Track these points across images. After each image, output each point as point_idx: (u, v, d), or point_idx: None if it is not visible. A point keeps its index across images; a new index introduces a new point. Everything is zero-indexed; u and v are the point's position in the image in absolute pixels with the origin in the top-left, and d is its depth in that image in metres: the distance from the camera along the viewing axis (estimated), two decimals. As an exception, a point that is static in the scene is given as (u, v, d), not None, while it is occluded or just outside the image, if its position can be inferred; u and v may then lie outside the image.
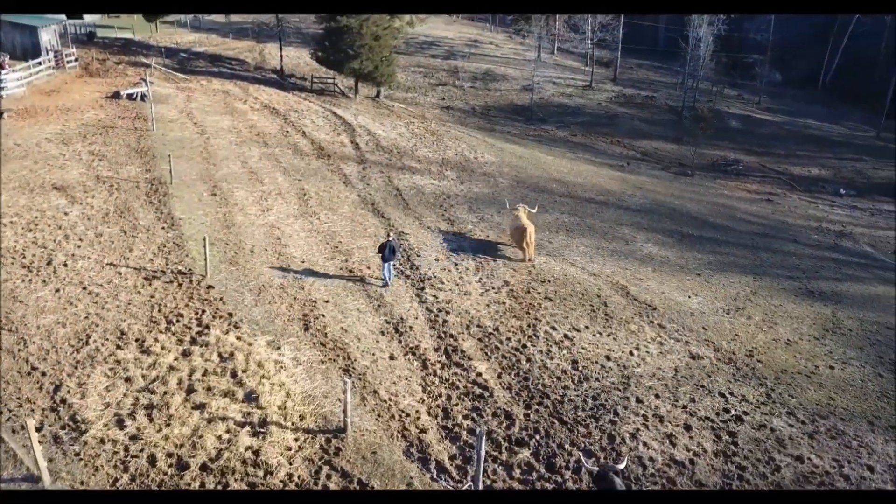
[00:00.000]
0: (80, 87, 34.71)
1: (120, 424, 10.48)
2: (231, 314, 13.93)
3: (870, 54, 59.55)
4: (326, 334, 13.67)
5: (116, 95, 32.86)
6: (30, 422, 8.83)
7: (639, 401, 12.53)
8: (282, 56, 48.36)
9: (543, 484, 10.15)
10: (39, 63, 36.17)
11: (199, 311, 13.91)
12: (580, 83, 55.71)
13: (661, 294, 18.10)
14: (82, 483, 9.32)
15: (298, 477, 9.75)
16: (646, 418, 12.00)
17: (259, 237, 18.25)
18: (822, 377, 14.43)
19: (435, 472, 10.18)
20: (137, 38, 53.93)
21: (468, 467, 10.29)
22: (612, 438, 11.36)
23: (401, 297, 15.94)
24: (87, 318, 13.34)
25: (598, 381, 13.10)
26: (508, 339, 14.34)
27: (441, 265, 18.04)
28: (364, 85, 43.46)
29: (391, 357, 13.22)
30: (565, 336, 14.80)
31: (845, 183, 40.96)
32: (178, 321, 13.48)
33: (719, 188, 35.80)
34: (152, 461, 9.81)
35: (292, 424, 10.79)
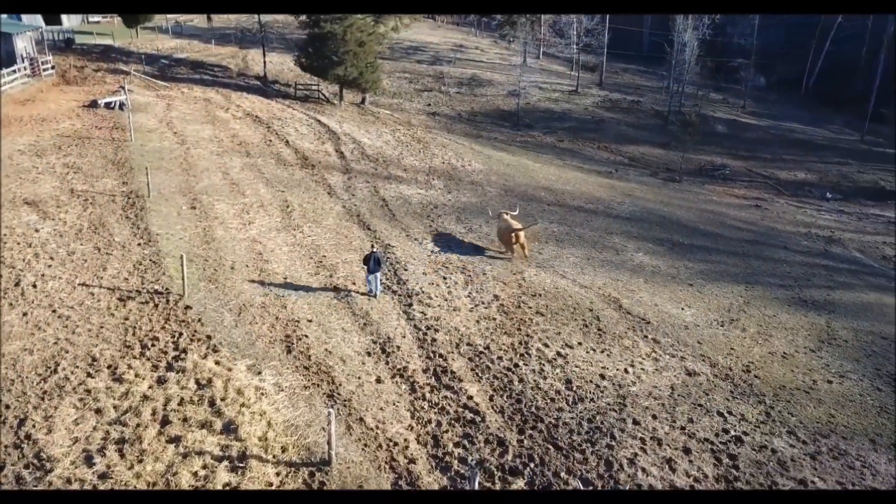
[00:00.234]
0: (57, 96, 33.80)
1: (88, 462, 9.81)
2: (210, 336, 13.30)
3: (851, 59, 60.12)
4: (310, 357, 13.09)
5: (94, 104, 32.02)
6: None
7: (636, 422, 12.08)
8: (265, 62, 47.66)
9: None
10: (14, 71, 35.19)
11: (176, 334, 13.27)
12: (566, 88, 55.58)
13: (654, 306, 17.72)
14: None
15: (280, 516, 9.17)
16: (643, 441, 11.56)
17: (240, 252, 17.61)
18: (821, 392, 14.10)
19: (425, 507, 9.65)
20: (117, 45, 52.93)
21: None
22: (610, 465, 10.89)
23: (388, 314, 15.40)
24: (55, 343, 12.64)
25: (593, 402, 12.64)
26: (500, 358, 13.85)
27: (429, 279, 17.52)
28: (349, 91, 42.91)
29: (378, 380, 12.67)
30: (558, 353, 14.34)
31: (831, 187, 41.09)
32: (153, 345, 12.82)
33: (708, 194, 35.68)
34: (123, 502, 9.17)
35: (273, 457, 10.19)
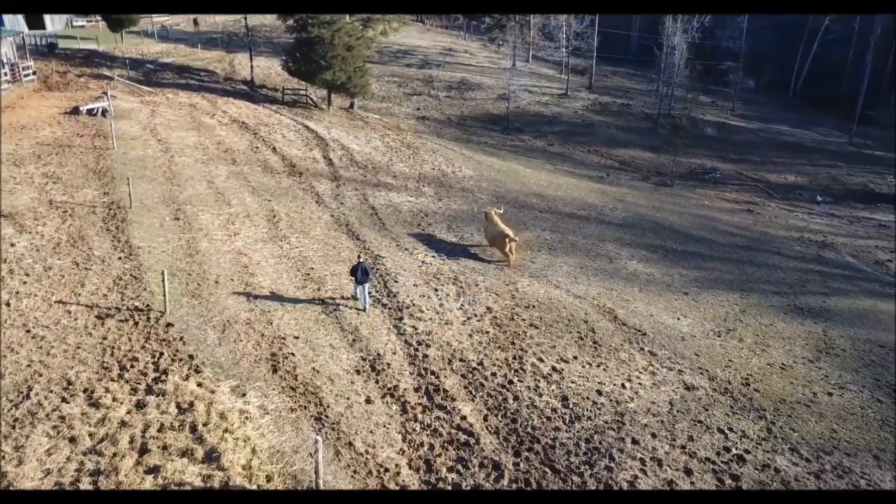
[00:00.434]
0: (38, 103, 33.03)
1: (61, 495, 9.27)
2: (192, 356, 12.77)
3: (839, 61, 60.47)
4: (297, 376, 12.60)
5: (76, 111, 31.29)
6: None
7: (635, 442, 11.70)
8: (252, 67, 47.06)
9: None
10: (-7, 77, 34.38)
11: (157, 354, 12.73)
12: (556, 91, 55.37)
13: (650, 317, 17.39)
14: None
15: (264, 551, 8.69)
16: (643, 462, 11.18)
17: (225, 266, 17.08)
18: (822, 406, 13.80)
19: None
20: (101, 49, 52.10)
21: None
22: (610, 488, 10.49)
23: (377, 328, 14.94)
24: (29, 366, 12.06)
25: (590, 421, 12.25)
26: (494, 375, 13.43)
27: (420, 291, 17.08)
28: (337, 96, 42.40)
29: (367, 400, 12.20)
30: (553, 368, 13.94)
31: (821, 190, 41.10)
32: (132, 366, 12.28)
33: (699, 198, 35.50)
34: (97, 539, 8.66)
35: (258, 487, 9.70)
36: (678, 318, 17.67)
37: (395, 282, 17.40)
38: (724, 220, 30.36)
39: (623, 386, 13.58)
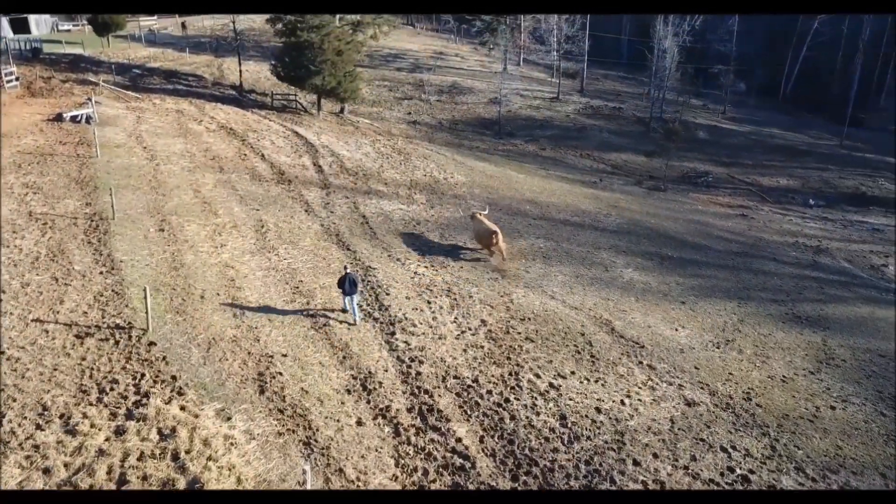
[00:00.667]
0: (20, 109, 32.28)
1: (33, 533, 8.76)
2: (175, 377, 12.24)
3: (828, 63, 60.67)
4: (285, 398, 12.11)
5: (59, 118, 30.60)
6: None
7: (636, 463, 11.31)
8: (241, 71, 46.49)
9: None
10: (-26, 84, 33.65)
11: (138, 375, 12.19)
12: (547, 95, 55.14)
13: (648, 328, 17.03)
14: None
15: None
16: (646, 485, 10.79)
17: (211, 279, 16.54)
18: (825, 420, 13.48)
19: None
20: (87, 54, 51.32)
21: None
22: (611, 514, 10.10)
23: (368, 344, 14.47)
24: (2, 390, 11.50)
25: (589, 441, 11.84)
26: (489, 393, 12.99)
27: (413, 304, 16.63)
28: (327, 101, 41.89)
29: (359, 422, 11.73)
30: (550, 385, 13.53)
31: (814, 193, 41.04)
32: (112, 389, 11.74)
33: (693, 203, 35.29)
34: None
35: (243, 520, 9.22)
36: (676, 329, 17.33)
37: (387, 294, 16.94)
38: (718, 226, 30.13)
39: (622, 402, 13.19)
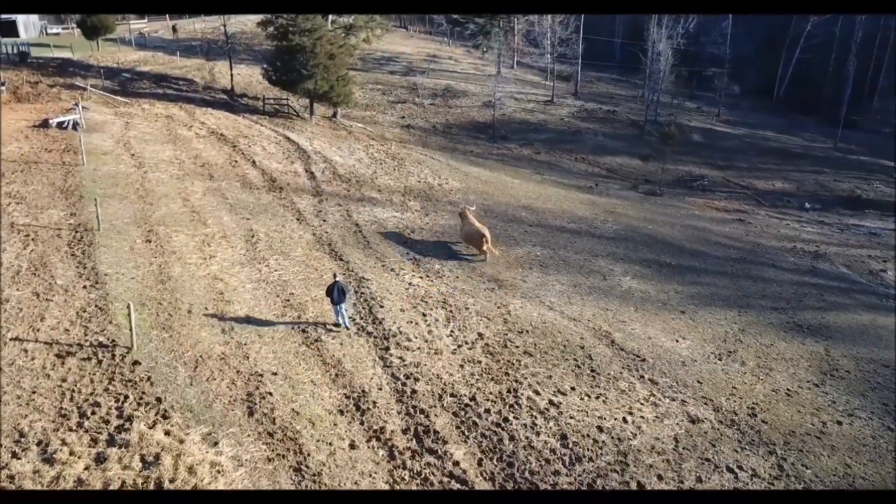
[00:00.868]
0: (5, 115, 31.61)
1: (5, 573, 8.26)
2: (160, 399, 11.75)
3: (821, 65, 60.70)
4: (275, 420, 11.63)
5: (45, 124, 30.00)
6: None
7: (640, 486, 10.90)
8: (232, 75, 45.96)
9: None
10: (-42, 89, 32.99)
11: (121, 398, 11.68)
12: (541, 98, 54.85)
13: (648, 340, 16.65)
14: None
15: None
16: (651, 510, 10.38)
17: (199, 293, 16.04)
18: (833, 437, 13.12)
19: None
20: (76, 58, 50.59)
21: None
22: (616, 542, 9.69)
23: (362, 360, 14.01)
24: (-23, 416, 10.99)
25: (591, 462, 11.43)
26: (487, 412, 12.56)
27: (407, 317, 16.18)
28: (320, 105, 41.41)
29: (352, 445, 11.27)
30: (550, 402, 13.12)
31: (809, 196, 40.89)
32: (93, 413, 11.23)
33: (689, 207, 35.00)
34: None
35: (230, 555, 8.75)
36: (677, 340, 16.95)
37: (381, 307, 16.48)
38: (715, 231, 29.83)
39: (624, 420, 12.78)
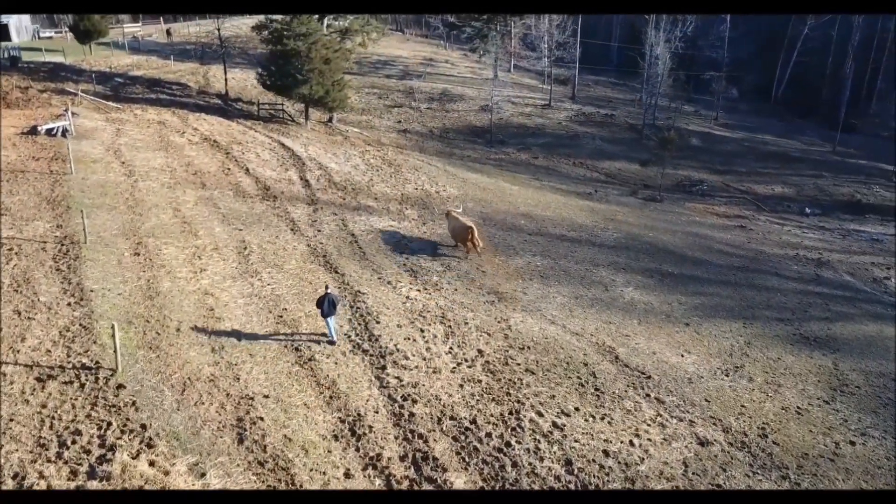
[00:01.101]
0: (-7, 122, 31.01)
1: None
2: (145, 426, 11.18)
3: (818, 69, 60.50)
4: (266, 447, 11.08)
5: (34, 131, 29.32)
6: None
7: (650, 516, 10.41)
8: (226, 80, 45.42)
9: None
10: (-55, 95, 32.32)
11: (104, 425, 11.11)
12: (539, 102, 54.46)
13: (653, 355, 16.16)
14: None
15: None
16: (661, 543, 9.88)
17: (188, 309, 15.47)
18: (846, 458, 12.65)
19: None
20: (68, 63, 49.89)
21: None
22: (626, 580, 9.17)
23: (357, 381, 13.47)
24: (-49, 446, 10.41)
25: (598, 490, 10.91)
26: (489, 436, 12.04)
27: (405, 333, 15.65)
28: (315, 110, 40.86)
29: (346, 475, 10.73)
30: (554, 424, 12.60)
31: (809, 201, 40.58)
32: (73, 442, 10.65)
33: (689, 213, 34.59)
34: None
35: None
36: (682, 355, 16.48)
37: (377, 322, 15.95)
38: (717, 238, 29.41)
39: (631, 443, 12.28)
